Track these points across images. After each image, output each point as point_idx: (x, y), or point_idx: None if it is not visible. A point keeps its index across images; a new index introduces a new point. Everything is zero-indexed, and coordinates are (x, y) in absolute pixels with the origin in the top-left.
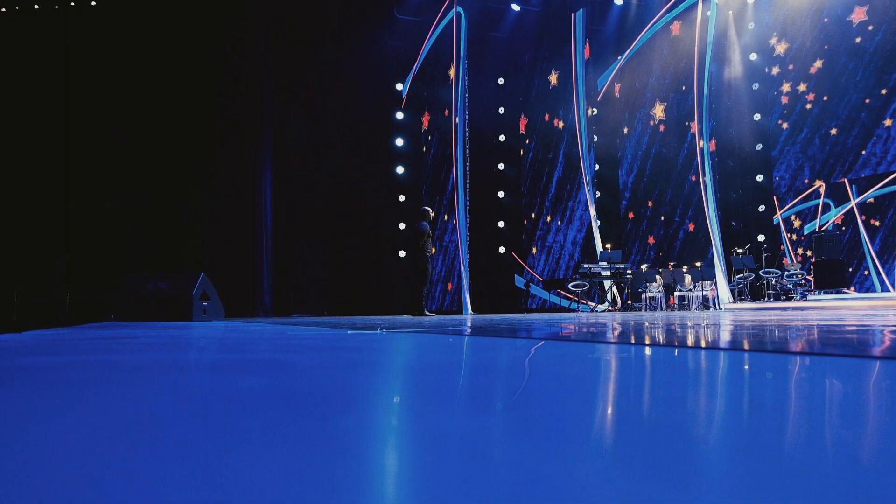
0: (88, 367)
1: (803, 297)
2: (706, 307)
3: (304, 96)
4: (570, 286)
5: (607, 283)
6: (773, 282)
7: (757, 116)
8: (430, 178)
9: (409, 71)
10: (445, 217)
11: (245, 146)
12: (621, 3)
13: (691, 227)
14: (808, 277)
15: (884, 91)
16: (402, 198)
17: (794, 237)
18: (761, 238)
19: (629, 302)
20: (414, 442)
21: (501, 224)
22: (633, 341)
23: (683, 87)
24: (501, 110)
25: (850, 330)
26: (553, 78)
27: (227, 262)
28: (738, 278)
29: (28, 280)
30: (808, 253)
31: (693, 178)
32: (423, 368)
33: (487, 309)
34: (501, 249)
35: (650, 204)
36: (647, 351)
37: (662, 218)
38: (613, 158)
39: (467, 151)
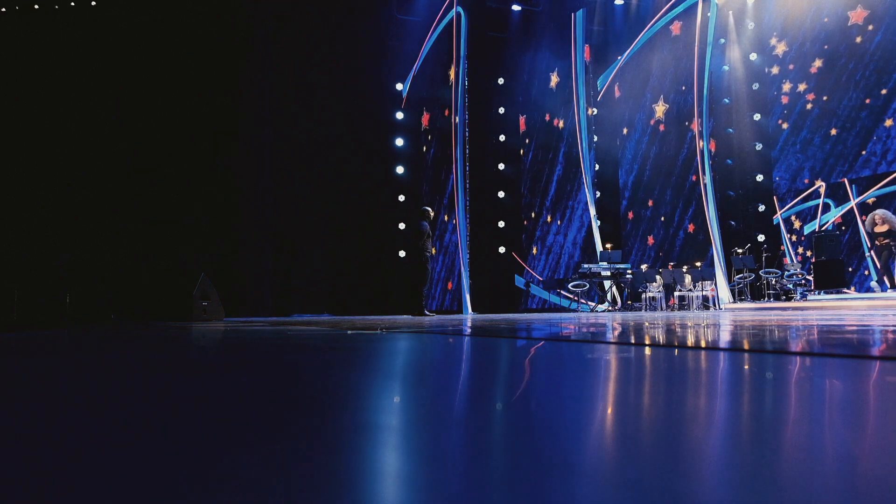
0: (88, 366)
1: (803, 297)
2: (706, 307)
3: (304, 96)
4: (570, 286)
5: (607, 283)
6: (773, 282)
7: (757, 116)
8: (430, 178)
9: (409, 71)
10: (445, 217)
11: (245, 146)
12: (621, 3)
13: (691, 227)
14: (808, 277)
15: (884, 91)
16: (402, 198)
17: (794, 237)
18: (761, 238)
19: (629, 302)
20: (412, 443)
21: (501, 224)
22: (633, 342)
23: (683, 87)
24: (501, 110)
25: (851, 330)
26: (553, 78)
27: (228, 262)
28: (738, 278)
29: (28, 280)
30: (808, 253)
31: (693, 178)
32: (423, 369)
33: (487, 309)
34: (501, 249)
35: (650, 204)
36: (648, 351)
37: (662, 218)
38: (613, 158)
39: (467, 151)
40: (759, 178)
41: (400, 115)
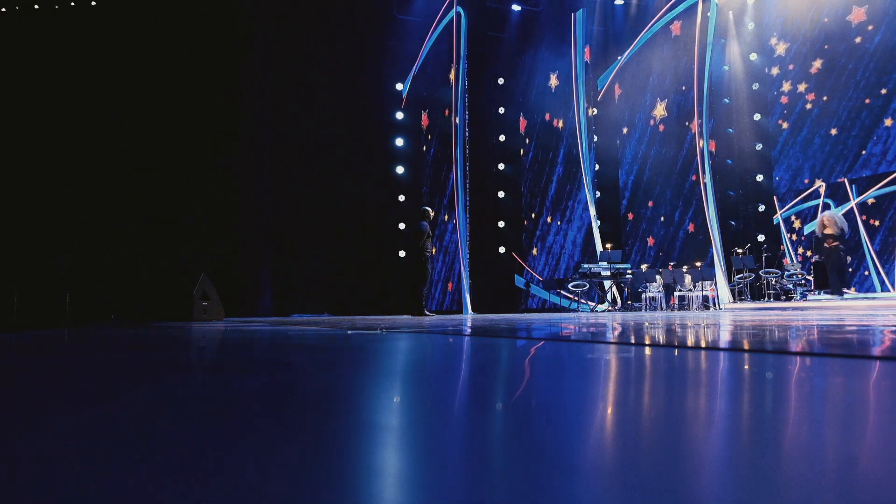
0: (89, 366)
1: (803, 297)
2: (706, 307)
3: (304, 96)
4: (570, 286)
5: (607, 283)
6: (773, 282)
7: (757, 116)
8: (430, 178)
9: (409, 71)
10: (445, 217)
11: (245, 146)
12: (621, 3)
13: (691, 227)
14: (808, 277)
15: (884, 91)
16: (402, 198)
17: (794, 237)
18: (761, 238)
19: (629, 302)
20: (413, 443)
21: (501, 224)
22: (633, 342)
23: (683, 87)
24: (501, 110)
25: (851, 330)
26: (553, 78)
27: (228, 262)
28: (738, 278)
29: (28, 280)
30: (808, 253)
31: (693, 178)
32: (423, 369)
33: (487, 309)
34: (501, 249)
35: (650, 204)
36: (648, 352)
37: (662, 218)
38: (613, 158)
39: (467, 151)
40: (759, 178)
41: (400, 115)
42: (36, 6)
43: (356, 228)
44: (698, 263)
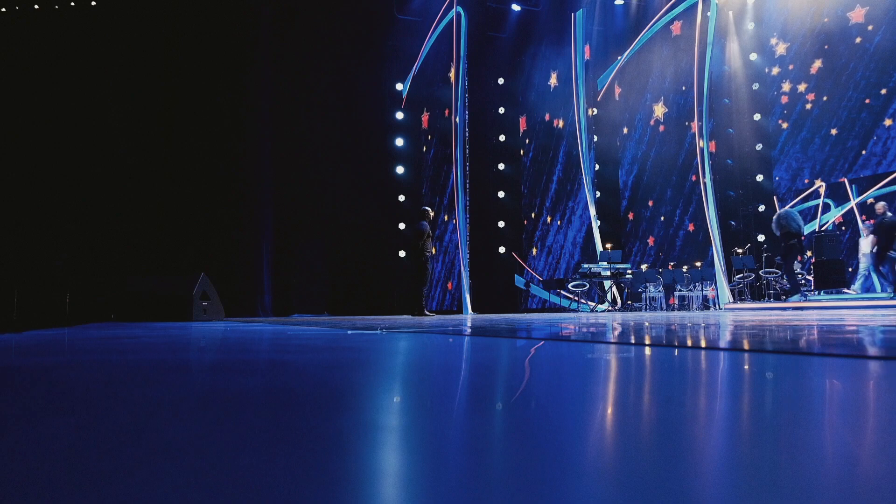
0: (89, 367)
1: (803, 296)
2: (706, 307)
3: (304, 96)
4: (570, 286)
5: (607, 283)
6: (773, 282)
7: (757, 116)
8: (430, 178)
9: (409, 71)
10: (445, 217)
11: (245, 146)
12: (621, 3)
13: (691, 227)
14: (808, 277)
15: (884, 91)
16: (402, 198)
17: None
18: (761, 238)
19: (629, 302)
20: (411, 444)
21: (501, 224)
22: (632, 342)
23: (683, 88)
24: (501, 110)
25: (850, 330)
26: (553, 78)
27: (227, 262)
28: (738, 278)
29: (28, 280)
30: (809, 253)
31: (693, 178)
32: (423, 369)
33: (487, 309)
34: (501, 249)
35: (650, 204)
36: (647, 351)
37: (662, 218)
38: (613, 158)
39: (467, 151)
40: (759, 178)
41: (400, 115)
42: (36, 6)
43: (356, 228)
44: (698, 263)
